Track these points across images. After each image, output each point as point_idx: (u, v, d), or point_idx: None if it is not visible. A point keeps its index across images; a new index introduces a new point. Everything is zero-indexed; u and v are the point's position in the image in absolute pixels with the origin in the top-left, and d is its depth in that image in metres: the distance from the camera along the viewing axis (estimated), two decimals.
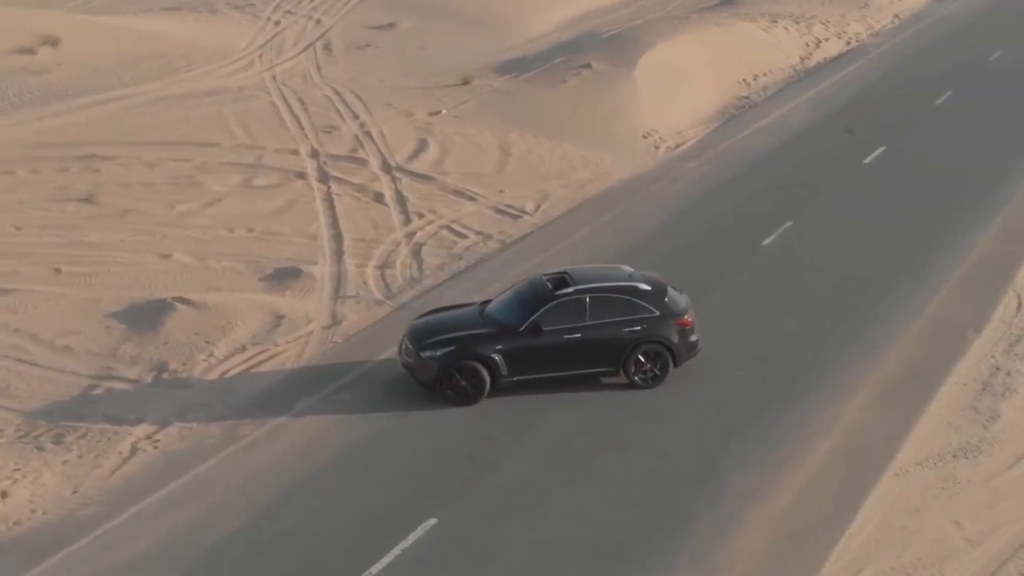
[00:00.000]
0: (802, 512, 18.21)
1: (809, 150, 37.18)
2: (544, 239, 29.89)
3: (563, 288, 21.99)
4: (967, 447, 20.27)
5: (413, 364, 21.68)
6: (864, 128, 39.35)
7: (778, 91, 45.01)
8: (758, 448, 20.00)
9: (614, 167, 35.59)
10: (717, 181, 34.18)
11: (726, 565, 16.94)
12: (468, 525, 17.96)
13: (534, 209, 32.23)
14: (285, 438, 20.68)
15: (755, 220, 30.89)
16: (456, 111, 40.18)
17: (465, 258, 28.86)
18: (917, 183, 33.91)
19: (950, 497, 18.86)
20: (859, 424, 20.87)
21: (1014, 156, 36.50)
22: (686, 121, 40.56)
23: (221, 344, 24.34)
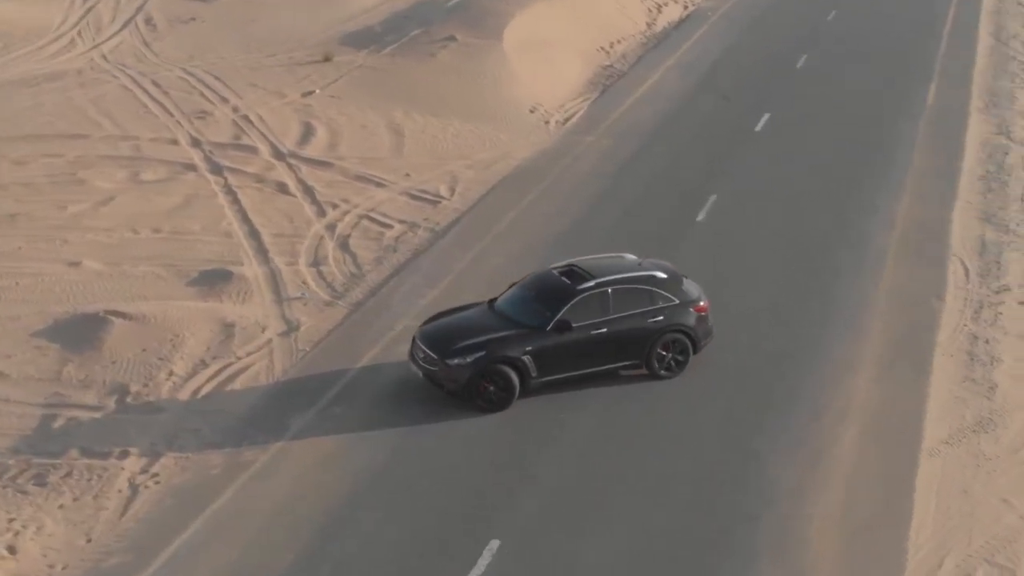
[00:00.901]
0: (859, 505, 18.07)
1: (697, 119, 37.20)
2: (475, 225, 28.98)
3: (583, 282, 21.20)
4: (982, 421, 20.55)
5: (439, 373, 20.51)
6: (739, 94, 39.63)
7: (638, 59, 44.89)
8: (785, 439, 19.77)
9: (513, 145, 34.84)
10: (623, 156, 33.82)
11: (811, 566, 16.64)
12: (534, 543, 17.15)
13: (449, 193, 31.23)
14: (295, 463, 19.36)
15: (680, 195, 30.70)
16: (329, 90, 38.67)
17: (400, 250, 27.71)
18: (814, 148, 34.32)
19: (988, 474, 19.06)
20: (873, 405, 20.88)
21: (892, 118, 37.32)
22: (563, 93, 40.06)
23: (177, 360, 22.72)
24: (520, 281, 22.22)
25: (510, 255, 27.20)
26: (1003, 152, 34.53)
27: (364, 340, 23.26)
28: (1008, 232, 28.82)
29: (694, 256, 26.86)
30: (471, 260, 26.96)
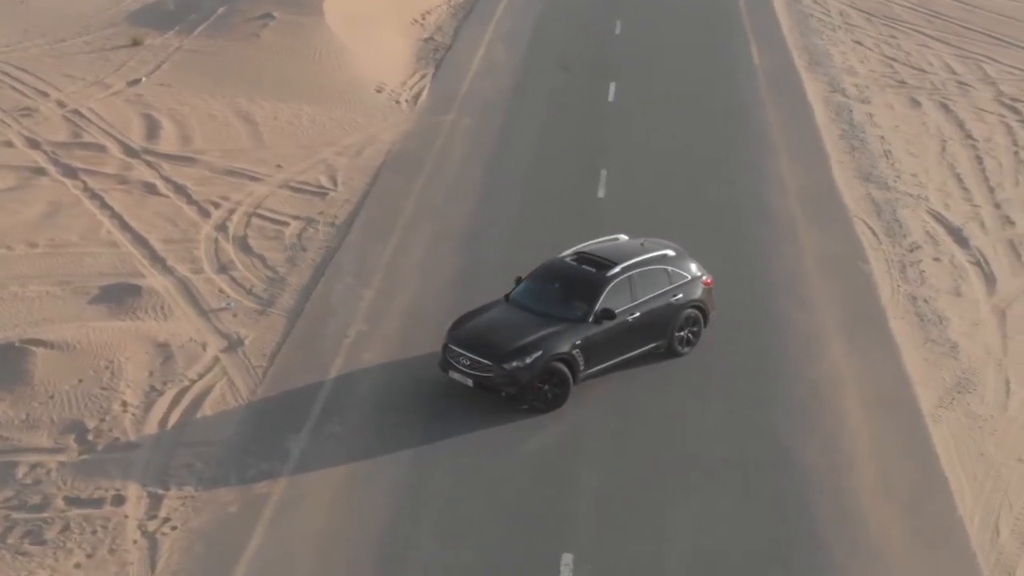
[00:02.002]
0: (896, 478, 18.38)
1: (546, 92, 36.97)
2: (376, 216, 27.93)
3: (607, 269, 20.79)
4: (961, 382, 21.27)
5: (495, 379, 19.67)
6: (575, 64, 39.65)
7: (455, 31, 44.24)
8: (796, 419, 19.92)
9: (375, 128, 33.76)
10: (492, 135, 33.27)
11: (886, 550, 16.82)
12: (608, 554, 16.69)
13: (332, 183, 30.00)
14: (317, 489, 18.20)
15: (570, 173, 30.47)
16: (156, 78, 36.52)
17: (309, 248, 26.45)
18: (674, 115, 34.67)
19: (992, 435, 19.76)
20: (859, 376, 21.27)
21: (730, 80, 38.09)
22: (399, 70, 39.13)
23: (123, 388, 21.05)
24: (533, 274, 21.51)
25: (429, 246, 26.42)
26: (848, 110, 35.79)
27: (322, 350, 22.11)
28: (890, 189, 29.92)
29: (610, 232, 26.66)
30: (392, 254, 26.02)
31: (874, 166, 31.37)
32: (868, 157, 32.00)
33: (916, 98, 37.44)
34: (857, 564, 16.43)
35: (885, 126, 34.62)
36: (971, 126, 35.04)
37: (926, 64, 41.25)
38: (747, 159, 31.44)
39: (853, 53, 42.02)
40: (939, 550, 16.78)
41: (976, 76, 40.08)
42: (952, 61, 41.66)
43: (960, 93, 38.19)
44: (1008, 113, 36.46)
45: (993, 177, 31.25)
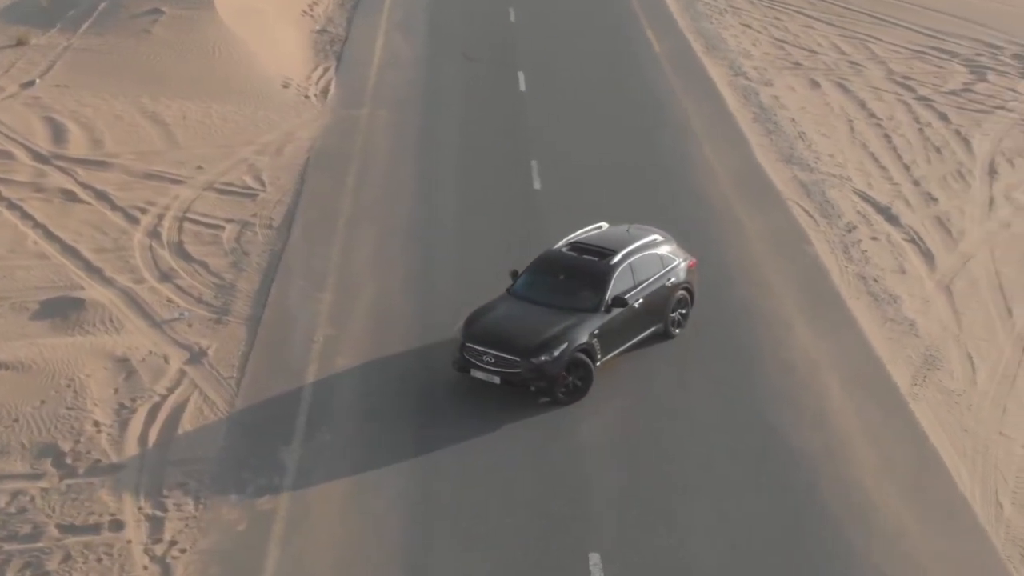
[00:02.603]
0: (894, 460, 18.73)
1: (456, 83, 36.75)
2: (314, 216, 27.40)
3: (608, 257, 20.99)
4: (928, 359, 21.83)
5: (523, 374, 19.53)
6: (478, 54, 39.50)
7: (347, 21, 43.70)
8: (782, 404, 20.16)
9: (290, 124, 33.12)
10: (411, 127, 32.92)
11: (901, 531, 17.11)
12: (634, 551, 16.66)
13: (259, 184, 29.34)
14: (322, 503, 17.75)
15: (500, 164, 30.34)
16: (51, 79, 35.23)
17: (252, 252, 25.81)
18: (589, 102, 34.78)
19: (968, 410, 20.32)
20: (831, 357, 21.64)
21: (635, 66, 38.41)
22: (300, 63, 38.50)
23: (91, 407, 20.28)
24: (533, 267, 21.37)
25: (376, 244, 26.05)
26: (754, 93, 36.40)
27: (293, 357, 21.63)
28: (814, 171, 30.53)
29: (557, 224, 26.69)
30: (340, 255, 25.58)
31: (793, 148, 31.97)
32: (785, 140, 32.59)
33: (814, 79, 38.26)
34: (876, 547, 16.72)
35: (792, 108, 35.31)
36: (872, 105, 35.95)
37: (815, 45, 42.18)
38: (672, 146, 31.74)
39: (744, 36, 42.74)
40: (951, 529, 17.16)
41: (865, 56, 41.14)
42: (839, 41, 42.68)
43: (854, 73, 39.16)
44: (903, 91, 37.51)
45: (905, 155, 32.11)
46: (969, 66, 40.31)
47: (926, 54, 41.65)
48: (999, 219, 28.35)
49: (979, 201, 29.30)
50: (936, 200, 29.17)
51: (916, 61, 40.81)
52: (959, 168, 31.37)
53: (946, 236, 27.19)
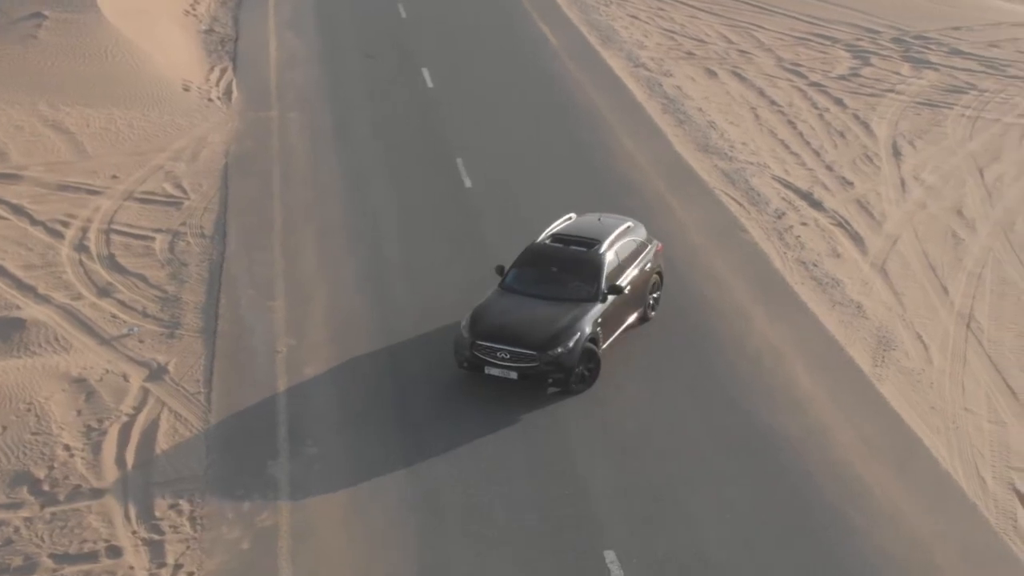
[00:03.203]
0: (873, 441, 19.20)
1: (362, 81, 36.39)
2: (246, 223, 26.93)
3: (595, 247, 21.33)
4: (881, 340, 22.46)
5: (541, 367, 19.70)
6: (377, 51, 39.20)
7: (232, 20, 42.94)
8: (756, 393, 20.51)
9: (200, 129, 32.42)
10: (325, 128, 32.53)
11: (897, 511, 17.57)
12: (647, 545, 16.80)
13: (180, 191, 28.71)
14: (324, 516, 17.48)
15: (426, 163, 30.19)
16: None
17: (189, 263, 25.24)
18: (500, 99, 34.76)
19: (931, 388, 20.96)
20: (792, 342, 22.08)
21: (536, 59, 38.53)
22: (195, 65, 37.71)
23: (57, 431, 19.69)
24: (522, 261, 21.40)
25: (318, 248, 25.74)
26: (657, 84, 36.86)
27: (258, 369, 21.26)
28: (732, 160, 31.09)
29: (496, 221, 26.77)
30: (283, 261, 25.20)
31: (707, 138, 32.50)
32: (697, 129, 33.11)
33: (710, 68, 38.91)
34: (878, 528, 17.17)
35: (697, 97, 35.87)
36: (770, 92, 36.74)
37: (703, 35, 42.89)
38: (592, 139, 31.97)
39: (635, 27, 43.23)
40: (944, 506, 17.70)
41: (752, 44, 41.99)
42: (725, 31, 43.46)
43: (745, 61, 39.94)
44: (795, 78, 38.40)
45: (813, 141, 32.90)
46: (852, 51, 41.42)
47: (809, 41, 42.68)
48: (914, 200, 29.26)
49: (892, 183, 30.20)
50: (852, 184, 29.98)
51: (801, 48, 41.78)
52: (865, 152, 32.27)
53: (870, 219, 27.98)
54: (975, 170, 31.33)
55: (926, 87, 37.80)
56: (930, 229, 27.67)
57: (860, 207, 28.66)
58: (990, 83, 38.54)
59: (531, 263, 21.30)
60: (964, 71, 39.65)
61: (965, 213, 28.62)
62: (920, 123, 34.51)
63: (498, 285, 21.27)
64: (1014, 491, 18.18)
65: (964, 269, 25.72)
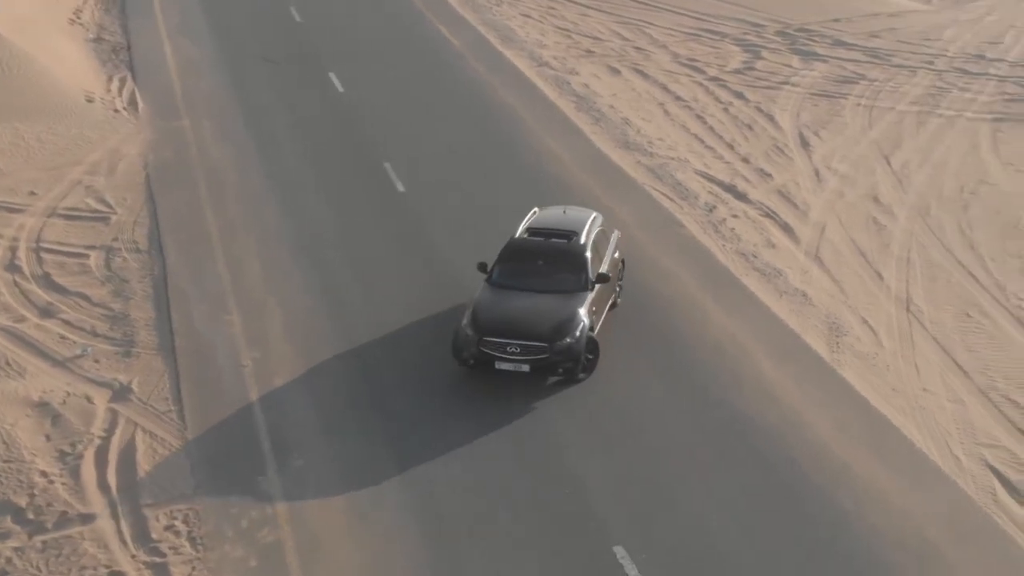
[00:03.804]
0: (848, 425, 19.79)
1: (270, 87, 36.03)
2: (184, 235, 26.52)
3: (574, 239, 21.87)
4: (832, 327, 23.11)
5: (551, 358, 20.12)
6: (278, 55, 38.85)
7: (120, 28, 42.09)
8: (726, 383, 20.97)
9: (112, 141, 31.78)
10: (241, 136, 32.16)
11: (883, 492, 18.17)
12: (655, 539, 17.07)
13: (105, 205, 28.13)
14: (326, 528, 17.33)
15: (354, 169, 30.06)
16: None
17: (130, 279, 24.75)
18: (415, 102, 34.75)
19: (888, 371, 21.68)
20: (749, 333, 22.59)
21: (445, 61, 38.59)
22: (91, 75, 36.92)
23: (31, 457, 19.22)
24: (506, 256, 21.64)
25: (262, 258, 25.52)
26: (566, 83, 37.25)
27: (227, 384, 20.99)
28: (653, 156, 31.62)
29: (437, 223, 26.81)
30: (229, 272, 24.89)
31: (624, 135, 32.99)
32: (613, 126, 33.58)
33: (611, 66, 39.47)
34: (867, 509, 17.74)
35: (605, 95, 36.37)
36: (674, 88, 37.44)
37: (597, 33, 43.46)
38: (514, 138, 32.18)
39: (530, 27, 43.58)
40: (926, 484, 18.34)
41: (646, 41, 42.70)
42: (618, 28, 44.11)
43: (643, 58, 40.62)
44: (694, 73, 39.19)
45: (724, 134, 33.66)
46: (742, 45, 42.41)
47: (699, 36, 43.56)
48: (831, 189, 30.15)
49: (807, 173, 31.07)
50: (770, 175, 30.76)
51: (693, 43, 42.63)
52: (775, 143, 33.13)
53: (794, 209, 28.76)
54: (881, 158, 32.40)
55: (819, 78, 38.91)
56: (852, 216, 28.55)
57: (783, 197, 29.44)
58: (877, 72, 39.84)
59: (515, 258, 21.57)
60: (851, 62, 40.91)
61: (881, 200, 29.59)
62: (820, 114, 35.53)
63: (485, 281, 21.43)
64: (988, 467, 18.95)
65: (892, 254, 26.62)
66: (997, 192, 30.41)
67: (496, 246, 23.63)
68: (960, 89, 38.40)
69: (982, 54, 42.21)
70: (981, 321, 23.76)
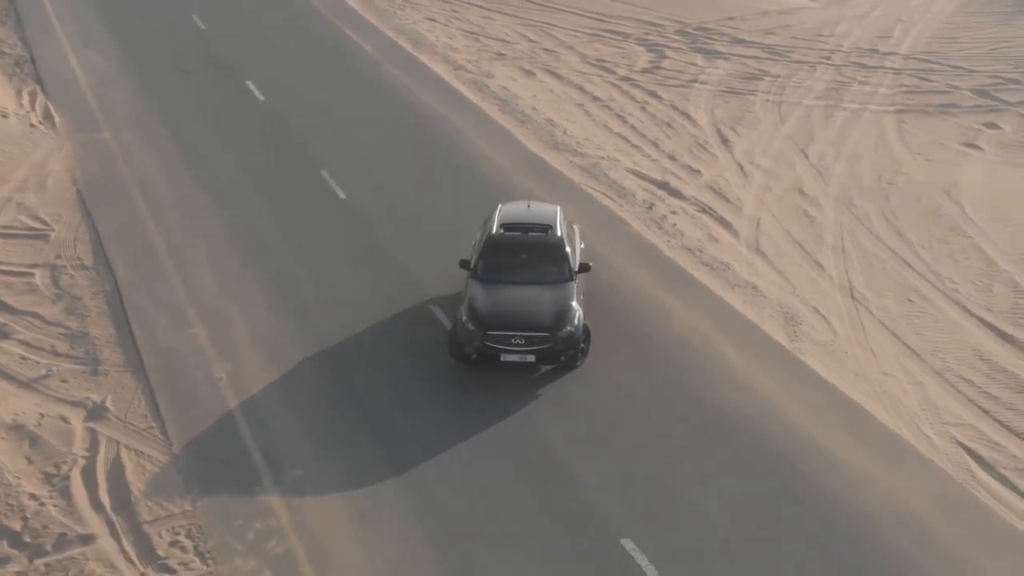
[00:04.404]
0: (822, 411, 20.47)
1: (187, 96, 35.59)
2: (130, 250, 26.16)
3: (550, 231, 22.45)
4: (787, 317, 23.81)
5: (556, 347, 20.74)
6: (191, 66, 38.42)
7: (20, 39, 41.13)
8: (698, 375, 21.52)
9: (35, 157, 31.13)
10: (168, 145, 31.75)
11: (866, 475, 18.92)
12: (660, 528, 17.53)
13: (41, 223, 27.59)
14: (333, 536, 17.43)
15: (290, 176, 29.93)
16: None
17: (82, 296, 24.39)
18: (340, 110, 34.60)
19: (847, 356, 22.42)
20: (711, 325, 23.16)
21: (357, 67, 38.55)
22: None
23: (16, 480, 18.99)
24: (488, 252, 21.98)
25: (215, 268, 25.33)
26: (484, 86, 37.49)
27: (205, 397, 20.88)
28: (584, 156, 32.06)
29: (385, 227, 26.92)
30: (184, 285, 24.67)
31: (552, 136, 33.41)
32: (540, 128, 33.97)
33: (525, 68, 39.86)
34: (859, 493, 18.39)
35: (525, 97, 36.73)
36: (589, 89, 37.97)
37: (504, 35, 43.80)
38: (448, 143, 32.32)
39: (438, 30, 43.73)
40: (903, 463, 19.11)
41: (553, 42, 43.16)
42: (523, 30, 44.49)
43: (553, 59, 41.08)
44: (605, 73, 39.78)
45: (647, 133, 34.28)
46: (645, 45, 43.14)
47: (602, 36, 44.18)
48: (758, 183, 30.99)
49: (732, 169, 31.87)
50: (699, 172, 31.48)
51: (598, 44, 43.22)
52: (696, 140, 33.88)
53: (727, 204, 29.50)
54: (798, 151, 33.35)
55: (725, 76, 39.80)
56: (782, 209, 29.38)
57: (715, 193, 30.15)
58: (780, 69, 40.89)
59: (498, 253, 22.01)
60: (752, 59, 41.92)
61: (806, 192, 30.50)
62: (732, 110, 36.40)
63: (469, 277, 21.73)
64: (959, 445, 19.81)
65: (827, 244, 27.50)
66: (912, 181, 31.54)
67: (445, 246, 24.18)
68: (860, 83, 39.59)
69: (875, 48, 43.53)
70: (923, 305, 24.71)
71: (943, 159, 33.04)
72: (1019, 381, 21.78)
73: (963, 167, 32.46)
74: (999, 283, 25.67)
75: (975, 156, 33.25)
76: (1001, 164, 32.90)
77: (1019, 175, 32.02)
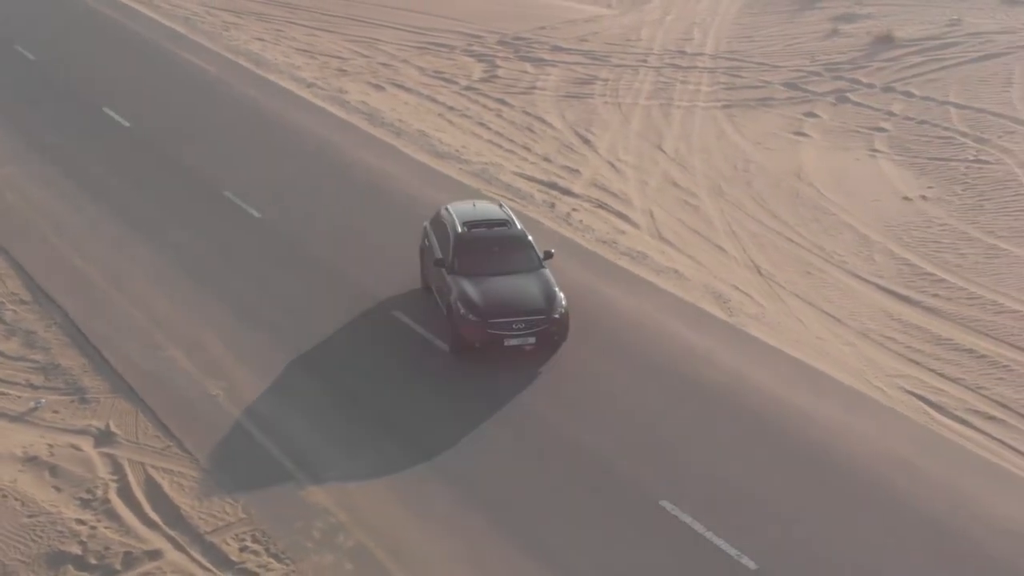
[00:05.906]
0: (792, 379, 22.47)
1: (46, 128, 35.20)
2: (64, 280, 26.18)
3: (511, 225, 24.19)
4: (716, 296, 25.82)
5: (552, 328, 22.44)
6: (27, 97, 37.90)
7: None
8: (663, 356, 23.38)
9: None
10: (53, 180, 31.45)
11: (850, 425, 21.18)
12: (693, 487, 19.13)
13: None
14: (396, 530, 18.38)
15: (194, 198, 30.25)
16: None
17: (35, 330, 24.36)
18: (213, 132, 34.89)
19: (781, 328, 24.58)
20: (657, 311, 24.90)
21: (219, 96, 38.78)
22: None
23: (54, 508, 19.26)
24: (462, 248, 23.32)
25: (167, 295, 25.61)
26: (344, 102, 38.32)
27: (209, 415, 21.37)
28: (469, 163, 33.27)
29: (310, 242, 27.68)
30: (139, 309, 24.97)
31: (431, 145, 34.68)
32: (415, 139, 35.16)
33: (372, 82, 40.92)
34: (838, 439, 20.53)
35: (386, 110, 37.80)
36: (442, 100, 39.31)
37: (336, 51, 44.66)
38: (335, 158, 33.09)
39: (273, 49, 44.22)
40: (872, 415, 21.33)
41: (385, 56, 44.25)
42: (351, 46, 45.42)
43: (393, 72, 42.26)
44: (448, 84, 41.20)
45: (515, 138, 35.93)
46: (473, 56, 44.72)
47: (429, 49, 45.54)
48: (633, 179, 33.15)
49: (604, 167, 33.94)
50: (578, 171, 33.39)
51: (429, 56, 44.58)
52: (561, 142, 35.75)
53: (617, 199, 31.49)
54: (654, 148, 35.69)
55: (559, 81, 41.84)
56: (666, 201, 31.58)
57: (601, 189, 32.10)
58: (605, 73, 43.22)
59: (471, 248, 23.49)
60: (578, 64, 44.13)
61: (679, 184, 32.81)
62: (581, 113, 38.44)
63: (448, 273, 23.18)
64: (909, 393, 22.30)
65: (718, 229, 29.82)
66: (763, 169, 34.25)
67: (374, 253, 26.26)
68: (681, 82, 42.28)
69: (682, 50, 46.39)
70: (823, 277, 27.28)
71: (780, 147, 35.88)
72: (933, 335, 24.51)
73: (799, 153, 35.38)
74: (878, 253, 28.49)
75: (806, 143, 36.22)
76: (831, 148, 35.99)
77: (850, 157, 35.10)
